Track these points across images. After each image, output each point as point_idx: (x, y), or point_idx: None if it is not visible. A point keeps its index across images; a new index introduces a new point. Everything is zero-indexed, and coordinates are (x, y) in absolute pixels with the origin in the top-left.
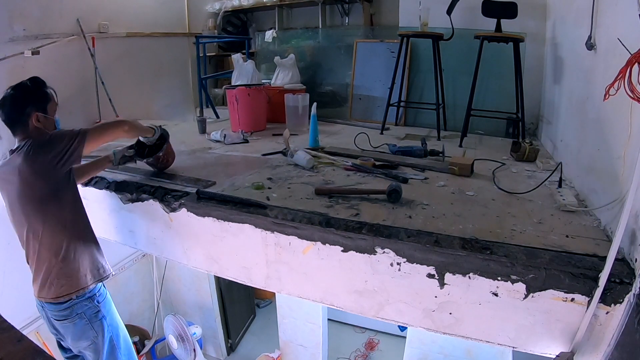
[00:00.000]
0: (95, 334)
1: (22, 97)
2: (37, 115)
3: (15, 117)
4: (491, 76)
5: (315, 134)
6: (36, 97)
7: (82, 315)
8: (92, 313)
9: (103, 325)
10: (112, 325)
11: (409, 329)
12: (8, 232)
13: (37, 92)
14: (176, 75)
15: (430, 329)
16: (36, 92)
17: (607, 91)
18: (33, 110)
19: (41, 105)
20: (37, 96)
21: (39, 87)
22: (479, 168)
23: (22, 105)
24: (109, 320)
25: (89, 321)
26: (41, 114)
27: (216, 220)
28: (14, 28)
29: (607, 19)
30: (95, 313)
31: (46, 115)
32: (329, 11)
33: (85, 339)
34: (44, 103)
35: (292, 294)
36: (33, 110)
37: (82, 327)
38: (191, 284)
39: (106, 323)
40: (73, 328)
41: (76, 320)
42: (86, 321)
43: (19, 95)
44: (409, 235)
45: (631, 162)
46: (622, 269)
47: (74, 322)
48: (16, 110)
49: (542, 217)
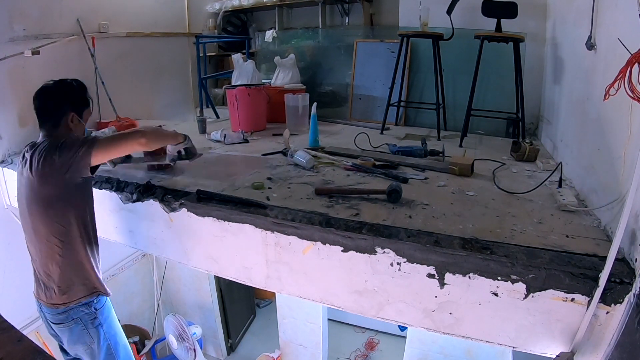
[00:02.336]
0: (91, 340)
1: (64, 92)
2: (73, 116)
3: (51, 110)
4: (491, 76)
5: (315, 134)
6: (78, 98)
7: (78, 320)
8: (88, 319)
9: (99, 332)
10: (109, 333)
11: (409, 329)
12: (8, 232)
13: (80, 94)
14: (176, 75)
15: (430, 329)
16: (79, 93)
17: (607, 91)
18: (70, 110)
19: (80, 107)
20: (79, 97)
21: (82, 90)
22: (479, 168)
23: (62, 100)
24: (106, 327)
25: (85, 327)
26: (76, 117)
27: (216, 220)
28: (14, 28)
29: (607, 19)
30: (91, 320)
31: (80, 120)
32: (329, 11)
33: (81, 343)
34: (83, 107)
35: (292, 294)
36: (70, 109)
37: (78, 333)
38: (191, 284)
39: (103, 330)
40: (69, 332)
41: (72, 325)
42: (82, 327)
43: (62, 90)
44: (409, 235)
45: (631, 162)
46: (622, 269)
47: (70, 327)
48: (55, 103)
49: (542, 217)
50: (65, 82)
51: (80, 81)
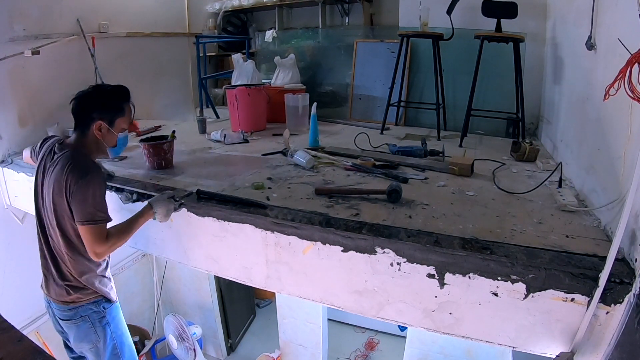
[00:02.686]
0: (97, 338)
1: (94, 98)
2: (101, 125)
3: (80, 114)
4: (491, 76)
5: (315, 134)
6: (108, 104)
7: (86, 318)
8: (96, 318)
9: (106, 331)
10: (116, 333)
11: (409, 329)
12: (8, 232)
13: (113, 101)
14: (176, 75)
15: (430, 329)
16: (111, 100)
17: (607, 91)
18: (98, 117)
19: (110, 115)
20: (109, 104)
21: (118, 96)
22: (479, 168)
23: (91, 106)
24: (113, 327)
25: (93, 325)
26: (105, 125)
27: (216, 220)
28: (14, 28)
29: (607, 19)
30: (99, 318)
31: (110, 128)
32: (329, 11)
33: (87, 341)
34: (114, 115)
35: (292, 294)
36: (98, 116)
37: (85, 330)
38: (191, 284)
39: (110, 330)
40: (76, 329)
41: (80, 322)
42: (90, 325)
43: (93, 95)
44: (409, 235)
45: (631, 162)
46: (622, 269)
47: (78, 324)
48: (84, 108)
49: (542, 217)
50: (100, 87)
51: (121, 87)
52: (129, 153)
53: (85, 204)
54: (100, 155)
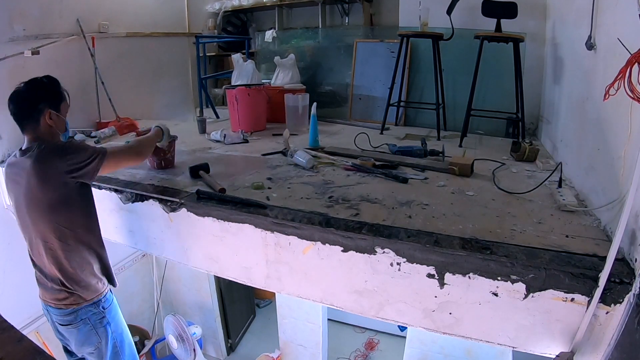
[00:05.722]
0: (99, 340)
1: (36, 92)
2: (50, 113)
3: (27, 112)
4: (491, 76)
5: (315, 134)
6: (51, 94)
7: (86, 320)
8: (96, 319)
9: (107, 331)
10: (116, 332)
11: (409, 329)
12: (8, 232)
13: (52, 89)
14: (176, 75)
15: (430, 329)
16: (51, 89)
17: (607, 91)
18: (46, 107)
19: (55, 103)
20: (51, 93)
21: (54, 85)
22: (479, 168)
23: (35, 100)
24: (113, 326)
25: (93, 327)
26: (54, 112)
27: (216, 220)
28: (14, 28)
29: (607, 19)
30: (100, 319)
31: (59, 114)
32: (329, 11)
33: (89, 344)
34: (58, 101)
35: (292, 294)
36: (46, 107)
37: (87, 333)
38: (191, 284)
39: (110, 329)
40: (77, 333)
41: (80, 325)
42: (90, 327)
43: (33, 90)
44: (409, 235)
45: (631, 162)
46: (622, 269)
47: (78, 327)
48: (29, 104)
49: (542, 217)
50: (36, 80)
51: (51, 77)
52: None
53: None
54: None
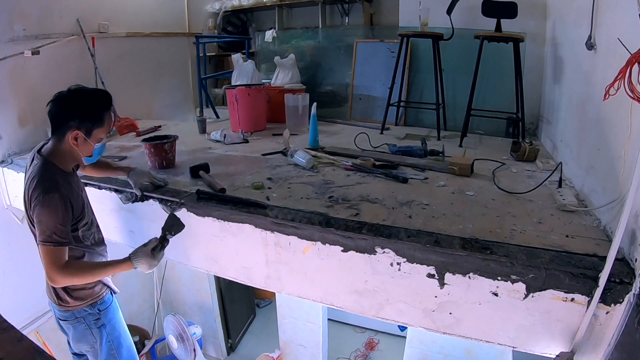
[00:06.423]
0: (94, 340)
1: (72, 104)
2: (77, 134)
3: (57, 120)
4: (491, 76)
5: (315, 134)
6: (87, 113)
7: (81, 320)
8: (91, 319)
9: (102, 333)
10: (112, 335)
11: (409, 329)
12: (8, 232)
13: (92, 109)
14: (176, 75)
15: (430, 329)
16: (91, 108)
17: (607, 91)
18: (75, 125)
19: (88, 125)
20: (88, 113)
21: (98, 104)
22: (479, 168)
23: (69, 113)
24: (109, 329)
25: (88, 327)
26: (82, 134)
27: (216, 220)
28: (14, 28)
29: (607, 19)
30: (95, 320)
31: (87, 139)
32: (329, 11)
33: (84, 342)
34: (93, 124)
35: (292, 294)
36: (76, 125)
37: (82, 331)
38: (191, 284)
39: (105, 332)
40: (73, 330)
41: (75, 323)
42: (85, 326)
43: (72, 100)
44: (409, 235)
45: (631, 162)
46: (622, 268)
47: (74, 324)
48: (61, 115)
49: (542, 217)
50: (81, 92)
51: (102, 93)
52: (128, 153)
53: (41, 224)
54: (72, 163)
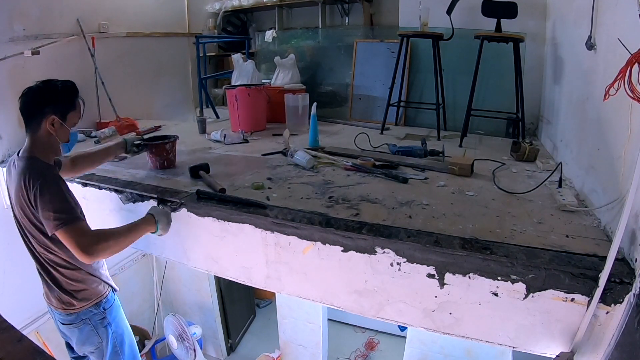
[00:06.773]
0: (100, 340)
1: (46, 93)
2: (54, 119)
3: (32, 111)
4: (491, 76)
5: (315, 134)
6: (61, 99)
7: (87, 321)
8: (97, 319)
9: (108, 331)
10: (117, 332)
11: (409, 329)
12: (8, 232)
13: (64, 95)
14: (176, 75)
15: (430, 329)
16: (63, 94)
17: (607, 91)
18: (51, 112)
19: (62, 110)
20: (62, 99)
21: (68, 91)
22: (479, 168)
23: (42, 101)
24: (114, 327)
25: (94, 327)
26: (58, 119)
27: (216, 220)
28: (14, 28)
29: (607, 19)
30: (100, 319)
31: (63, 123)
32: (329, 11)
33: (89, 344)
34: (67, 109)
35: (292, 294)
36: (51, 111)
37: (87, 333)
38: (191, 284)
39: (111, 330)
40: (78, 333)
41: (81, 325)
42: (91, 327)
43: (44, 91)
44: (409, 235)
45: (631, 162)
46: (622, 268)
47: (79, 327)
48: (35, 104)
49: (542, 217)
50: (50, 82)
51: (70, 82)
52: None
53: (48, 211)
54: (53, 155)
